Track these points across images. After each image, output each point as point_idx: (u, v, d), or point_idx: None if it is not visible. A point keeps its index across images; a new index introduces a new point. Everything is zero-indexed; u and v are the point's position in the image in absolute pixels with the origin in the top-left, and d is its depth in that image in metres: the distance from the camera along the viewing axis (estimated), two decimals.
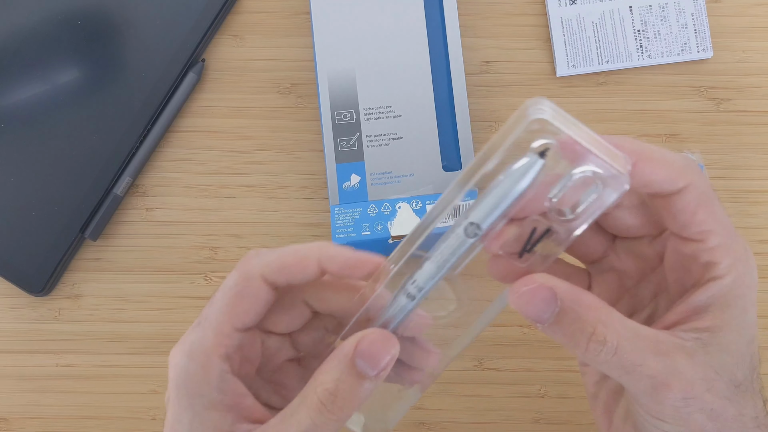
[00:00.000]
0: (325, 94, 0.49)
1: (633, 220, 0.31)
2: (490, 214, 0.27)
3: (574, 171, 0.27)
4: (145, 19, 0.50)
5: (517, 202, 0.27)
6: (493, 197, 0.27)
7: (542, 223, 0.28)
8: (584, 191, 0.27)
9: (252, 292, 0.30)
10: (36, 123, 0.50)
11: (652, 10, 0.51)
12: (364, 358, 0.28)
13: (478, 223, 0.28)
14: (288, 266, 0.30)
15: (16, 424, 0.50)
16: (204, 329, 0.31)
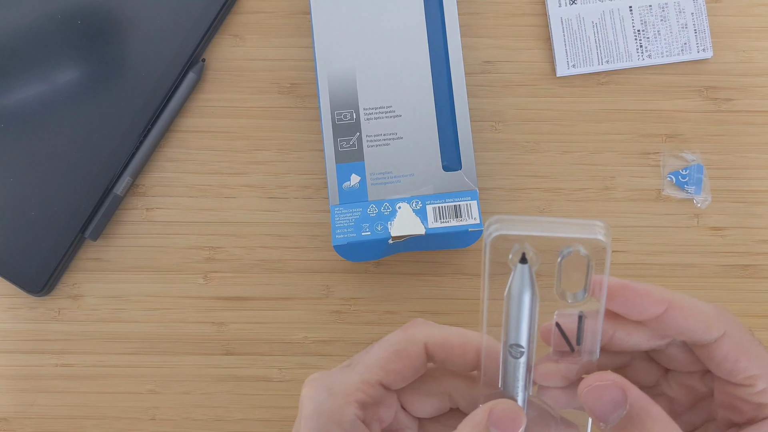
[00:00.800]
0: (325, 94, 0.49)
1: (682, 356, 0.32)
2: (520, 330, 0.29)
3: (559, 260, 0.29)
4: (145, 19, 0.50)
5: (532, 308, 0.29)
6: (513, 315, 0.29)
7: (571, 316, 0.30)
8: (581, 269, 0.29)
9: (410, 354, 0.31)
10: (36, 123, 0.50)
11: (652, 10, 0.51)
12: (498, 427, 0.29)
13: (515, 343, 0.29)
14: (451, 345, 0.31)
15: (15, 424, 0.50)
16: (352, 373, 0.31)
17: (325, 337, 0.51)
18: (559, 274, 0.29)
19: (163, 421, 0.50)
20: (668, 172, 0.51)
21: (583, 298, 0.29)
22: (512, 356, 0.30)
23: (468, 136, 0.48)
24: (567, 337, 0.30)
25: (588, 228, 0.28)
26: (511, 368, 0.30)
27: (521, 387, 0.30)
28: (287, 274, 0.51)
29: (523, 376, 0.30)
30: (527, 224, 0.28)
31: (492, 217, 0.28)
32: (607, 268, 0.29)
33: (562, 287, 0.29)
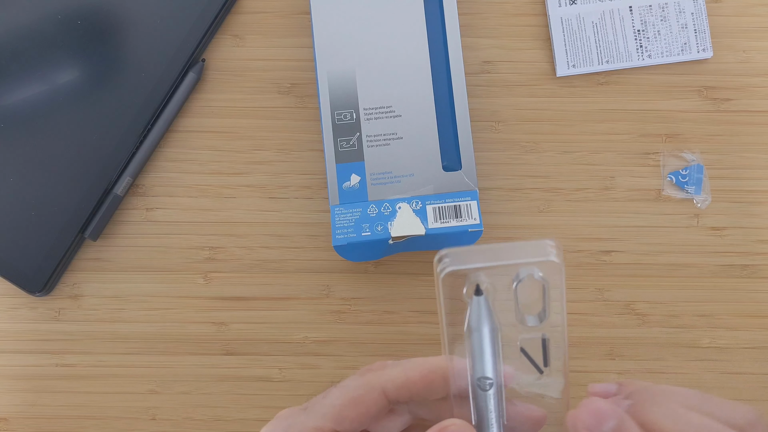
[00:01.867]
0: (325, 94, 0.49)
1: None
2: (484, 362, 0.29)
3: (514, 286, 0.29)
4: (145, 19, 0.50)
5: (494, 339, 0.29)
6: (476, 348, 0.29)
7: (535, 340, 0.30)
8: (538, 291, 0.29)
9: (366, 402, 0.30)
10: (36, 123, 0.50)
11: (652, 10, 0.51)
12: None
13: (482, 375, 0.29)
14: (412, 383, 0.30)
15: (15, 424, 0.50)
16: (307, 417, 0.31)
17: (325, 337, 0.51)
18: (516, 300, 0.29)
19: (163, 421, 0.50)
20: (668, 172, 0.51)
21: (544, 321, 0.29)
22: (481, 389, 0.30)
23: (468, 136, 0.48)
24: (534, 360, 0.30)
25: (539, 249, 0.28)
26: (482, 402, 0.30)
27: (495, 418, 0.30)
28: (287, 274, 0.51)
29: (496, 407, 0.30)
30: (477, 255, 0.28)
31: (441, 252, 0.28)
32: (562, 286, 0.28)
33: (522, 312, 0.29)
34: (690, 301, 0.51)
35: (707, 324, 0.50)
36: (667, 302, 0.51)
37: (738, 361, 0.50)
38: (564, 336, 0.30)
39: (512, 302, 0.29)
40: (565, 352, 0.30)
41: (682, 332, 0.50)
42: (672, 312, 0.51)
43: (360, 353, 0.50)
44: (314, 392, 0.51)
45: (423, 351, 0.50)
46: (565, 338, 0.30)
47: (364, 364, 0.50)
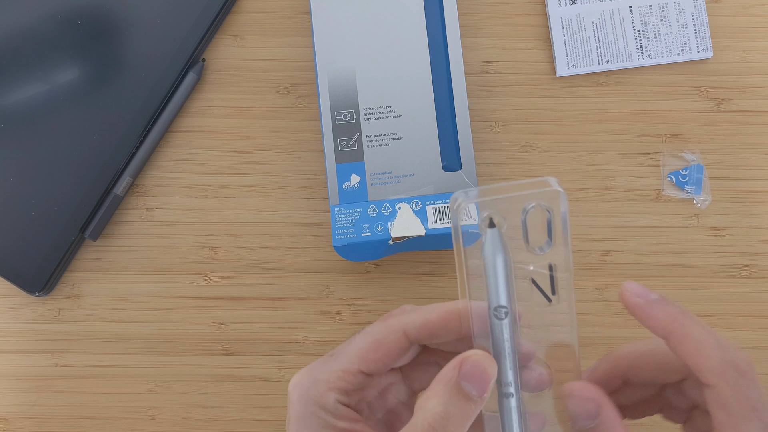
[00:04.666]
0: (325, 94, 0.49)
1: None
2: (499, 291, 0.31)
3: (523, 217, 0.31)
4: (145, 19, 0.50)
5: (508, 269, 0.31)
6: (491, 279, 0.31)
7: (543, 267, 0.32)
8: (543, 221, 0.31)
9: (389, 343, 0.32)
10: (36, 123, 0.50)
11: (652, 10, 0.51)
12: (469, 380, 0.30)
13: (498, 304, 0.31)
14: (431, 324, 0.32)
15: (15, 424, 0.50)
16: (334, 362, 0.32)
17: (325, 337, 0.51)
18: (525, 230, 0.31)
19: (163, 421, 0.50)
20: (668, 172, 0.51)
21: (550, 248, 0.31)
22: (497, 318, 0.31)
23: (468, 136, 0.48)
24: (542, 289, 0.32)
25: (542, 183, 0.31)
26: (498, 331, 0.31)
27: (510, 347, 0.31)
28: (287, 274, 0.51)
29: (510, 336, 0.31)
30: (487, 192, 0.31)
31: (455, 193, 0.31)
32: (565, 211, 0.31)
33: (530, 242, 0.31)
34: (690, 301, 0.51)
35: (707, 324, 0.50)
36: None
37: None
38: (569, 258, 0.31)
39: (520, 237, 0.31)
40: (570, 276, 0.32)
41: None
42: None
43: None
44: None
45: None
46: (570, 261, 0.31)
47: None
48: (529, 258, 0.32)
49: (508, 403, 0.32)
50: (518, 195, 0.31)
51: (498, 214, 0.31)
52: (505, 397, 0.32)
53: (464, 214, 0.31)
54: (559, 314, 0.33)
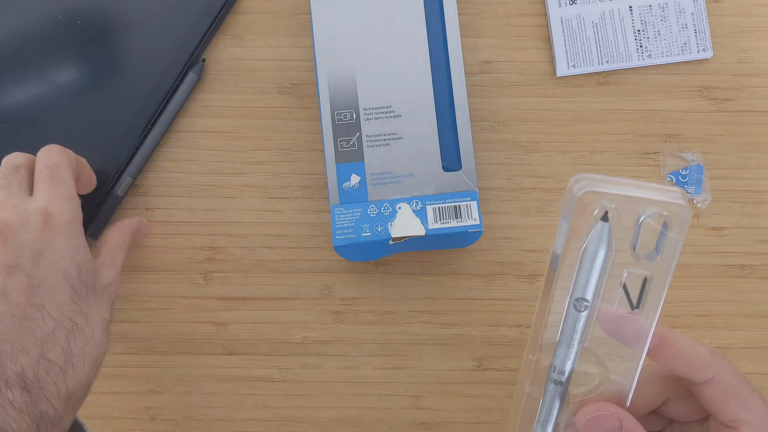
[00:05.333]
0: (325, 94, 0.49)
1: (680, 410, 0.35)
2: (588, 285, 0.31)
3: (639, 219, 0.30)
4: (145, 19, 0.50)
5: (605, 266, 0.30)
6: (585, 269, 0.31)
7: (638, 276, 0.31)
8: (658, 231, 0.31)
9: None
10: (36, 123, 0.50)
11: (652, 10, 0.51)
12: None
13: (582, 296, 0.31)
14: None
15: None
16: None
17: (325, 337, 0.51)
18: (637, 234, 0.30)
19: (163, 421, 0.50)
20: (668, 172, 0.51)
21: (656, 258, 0.31)
22: (576, 309, 0.31)
23: (468, 136, 0.48)
24: (629, 296, 0.31)
25: (668, 192, 0.30)
26: (571, 321, 0.31)
27: (578, 340, 0.32)
28: (287, 274, 0.51)
29: (582, 330, 0.31)
30: (612, 184, 0.30)
31: (578, 176, 0.30)
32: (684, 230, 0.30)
33: (637, 247, 0.31)
34: (690, 301, 0.51)
35: (707, 324, 0.51)
36: (668, 302, 0.51)
37: (738, 361, 0.50)
38: (668, 278, 0.31)
39: (627, 237, 0.31)
40: (662, 294, 0.31)
41: (683, 332, 0.50)
42: (672, 312, 0.51)
43: (360, 353, 0.51)
44: (314, 392, 0.52)
45: (423, 351, 0.50)
46: (668, 281, 0.31)
47: (364, 364, 0.50)
48: (629, 262, 0.31)
49: (555, 390, 0.33)
50: (643, 197, 0.30)
51: (615, 209, 0.30)
52: (554, 383, 0.32)
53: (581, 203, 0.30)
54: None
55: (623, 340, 0.32)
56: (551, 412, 0.33)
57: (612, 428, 0.32)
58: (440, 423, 0.50)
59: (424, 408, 0.50)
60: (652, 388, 0.35)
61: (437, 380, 0.50)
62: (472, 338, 0.50)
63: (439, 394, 0.50)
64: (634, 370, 0.32)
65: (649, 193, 0.30)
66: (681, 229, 0.30)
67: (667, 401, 0.35)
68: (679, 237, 0.30)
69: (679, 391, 0.35)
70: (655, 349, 0.32)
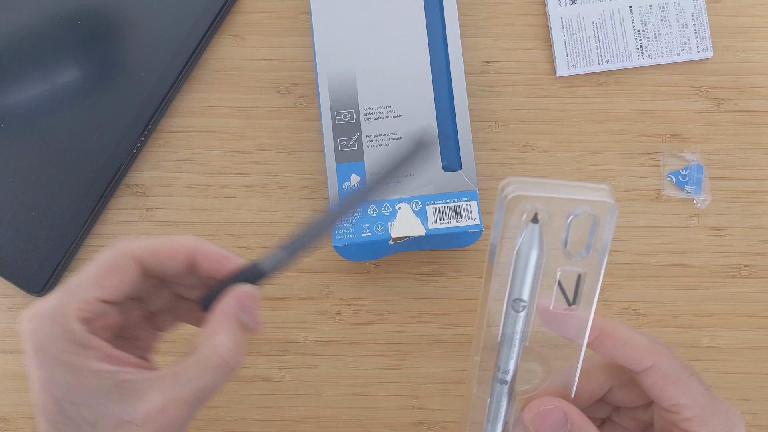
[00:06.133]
0: (325, 94, 0.49)
1: (625, 397, 0.36)
2: (523, 285, 0.32)
3: (567, 220, 0.31)
4: (145, 20, 0.50)
5: (538, 266, 0.31)
6: (519, 271, 0.31)
7: (572, 273, 0.32)
8: (586, 229, 0.31)
9: (121, 268, 0.32)
10: (36, 123, 0.50)
11: (652, 10, 0.51)
12: (247, 313, 0.32)
13: (519, 297, 0.32)
14: (159, 251, 0.33)
15: (15, 424, 0.50)
16: (68, 296, 0.32)
17: (325, 337, 0.51)
18: (567, 233, 0.31)
19: None
20: (668, 172, 0.51)
21: (587, 256, 0.32)
22: (514, 310, 0.32)
23: (468, 136, 0.48)
24: (566, 292, 0.32)
25: (595, 191, 0.30)
26: (511, 321, 0.32)
27: (518, 339, 0.33)
28: (287, 274, 0.51)
29: (522, 330, 0.32)
30: (539, 186, 0.30)
31: (506, 180, 0.31)
32: (611, 227, 0.31)
33: (568, 245, 0.32)
34: (690, 301, 0.51)
35: (707, 324, 0.51)
36: (667, 302, 0.51)
37: (737, 361, 0.50)
38: (600, 274, 0.32)
39: (558, 236, 0.31)
40: (596, 289, 0.32)
41: (682, 332, 0.50)
42: (672, 312, 0.51)
43: (360, 353, 0.51)
44: (314, 392, 0.51)
45: (423, 351, 0.50)
46: (600, 277, 0.32)
47: (364, 364, 0.50)
48: (562, 261, 0.32)
49: (501, 389, 0.34)
50: (570, 198, 0.30)
51: (544, 210, 0.31)
52: (500, 382, 0.34)
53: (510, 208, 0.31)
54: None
55: (564, 334, 0.33)
56: (499, 411, 0.34)
57: (558, 421, 0.33)
58: (440, 423, 0.50)
59: (423, 408, 0.50)
60: (596, 378, 0.35)
61: (437, 380, 0.50)
62: (472, 338, 0.50)
63: (439, 394, 0.50)
64: (576, 362, 0.33)
65: (577, 192, 0.31)
66: (609, 226, 0.31)
67: (611, 389, 0.36)
68: (608, 234, 0.31)
69: (623, 378, 0.36)
70: (595, 341, 0.33)
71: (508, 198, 0.30)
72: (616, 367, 0.36)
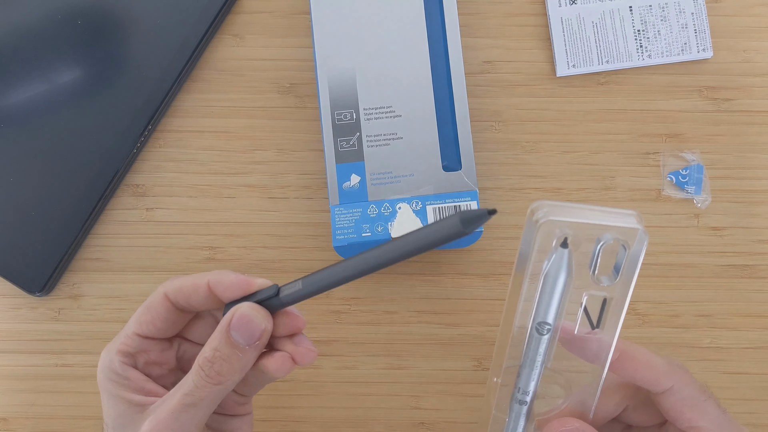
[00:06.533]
0: (325, 94, 0.49)
1: (639, 417, 0.36)
2: (549, 309, 0.32)
3: (597, 245, 0.31)
4: (145, 19, 0.50)
5: (565, 290, 0.32)
6: (546, 294, 0.32)
7: (597, 297, 0.33)
8: (615, 255, 0.32)
9: (154, 305, 0.36)
10: (36, 123, 0.50)
11: (652, 10, 0.51)
12: (237, 330, 0.33)
13: (544, 320, 0.32)
14: (184, 287, 0.36)
15: (15, 424, 0.50)
16: (121, 333, 0.37)
17: (325, 337, 0.51)
18: (596, 258, 0.32)
19: None
20: (668, 172, 0.51)
21: (614, 281, 0.32)
22: (538, 332, 0.32)
23: (468, 136, 0.48)
24: (590, 317, 0.33)
25: (625, 217, 0.31)
26: (534, 343, 0.33)
27: (541, 362, 0.33)
28: (287, 274, 0.51)
29: (545, 351, 0.33)
30: (570, 210, 0.31)
31: (536, 203, 0.31)
32: (641, 254, 0.31)
33: (596, 271, 0.32)
34: (690, 301, 0.51)
35: (707, 324, 0.50)
36: (667, 302, 0.51)
37: (738, 361, 0.50)
38: (627, 299, 0.32)
39: (585, 260, 0.32)
40: (623, 313, 0.32)
41: (683, 332, 0.50)
42: (672, 312, 0.51)
43: (360, 353, 0.50)
44: (314, 392, 0.51)
45: (423, 351, 0.50)
46: (626, 302, 0.32)
47: (364, 364, 0.50)
48: (589, 285, 0.32)
49: (519, 409, 0.34)
50: (600, 224, 0.31)
51: (574, 235, 0.31)
52: (519, 402, 0.34)
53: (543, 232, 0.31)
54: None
55: (584, 357, 0.33)
56: (516, 431, 0.34)
57: None
58: (440, 422, 0.50)
59: (423, 408, 0.50)
60: (612, 398, 0.36)
61: (437, 380, 0.50)
62: (472, 338, 0.50)
63: (439, 394, 0.50)
64: (596, 384, 0.34)
65: (607, 218, 0.31)
66: (638, 252, 0.31)
67: (626, 409, 0.36)
68: (637, 260, 0.31)
69: (638, 399, 0.36)
70: (615, 363, 0.33)
71: (540, 223, 0.31)
72: (632, 387, 0.36)
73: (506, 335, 0.34)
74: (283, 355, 0.35)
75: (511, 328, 0.33)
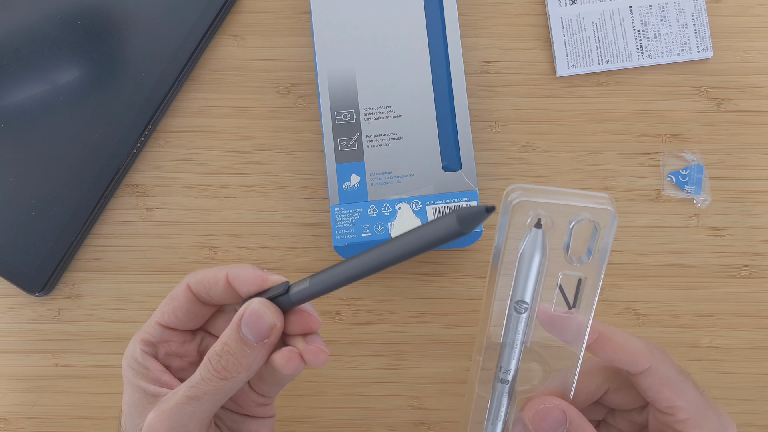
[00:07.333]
0: (325, 94, 0.49)
1: (621, 399, 0.37)
2: (526, 288, 0.33)
3: (569, 226, 0.32)
4: (145, 19, 0.50)
5: (541, 269, 0.33)
6: (522, 274, 0.33)
7: (572, 277, 0.33)
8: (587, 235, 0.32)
9: (176, 296, 0.36)
10: (36, 123, 0.50)
11: (652, 10, 0.51)
12: (247, 326, 0.33)
13: (521, 299, 0.33)
14: (205, 279, 0.36)
15: (15, 424, 0.50)
16: (146, 323, 0.37)
17: (325, 337, 0.50)
18: (569, 238, 0.32)
19: None
20: (668, 172, 0.51)
21: (587, 261, 0.33)
22: (516, 311, 0.33)
23: (468, 136, 0.48)
24: (566, 296, 0.33)
25: (597, 199, 0.32)
26: (513, 322, 0.33)
27: (520, 340, 0.34)
28: (287, 274, 0.50)
29: (523, 330, 0.33)
30: (543, 193, 0.32)
31: (511, 186, 0.32)
32: (612, 234, 0.32)
33: (570, 250, 0.33)
34: (690, 301, 0.51)
35: (707, 324, 0.51)
36: (667, 302, 0.51)
37: (738, 361, 0.50)
38: (600, 279, 0.33)
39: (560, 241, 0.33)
40: (595, 294, 0.33)
41: (682, 332, 0.50)
42: (672, 312, 0.51)
43: (360, 353, 0.51)
44: (314, 392, 0.51)
45: (423, 351, 0.50)
46: (600, 281, 0.33)
47: (364, 364, 0.50)
48: (563, 265, 0.33)
49: (502, 388, 0.35)
50: (572, 205, 0.32)
51: (547, 216, 0.32)
52: (501, 381, 0.34)
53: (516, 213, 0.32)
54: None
55: (563, 337, 0.34)
56: (500, 410, 0.35)
57: (557, 419, 0.33)
58: (439, 422, 0.50)
59: (423, 408, 0.50)
60: (593, 380, 0.36)
61: (437, 380, 0.50)
62: (472, 338, 0.50)
63: (439, 394, 0.50)
64: (575, 364, 0.34)
65: (579, 200, 0.32)
66: (609, 233, 0.32)
67: (607, 391, 0.37)
68: (608, 240, 0.32)
69: (619, 381, 0.36)
70: (594, 344, 0.34)
71: (513, 203, 0.31)
72: (613, 370, 0.37)
73: (486, 314, 0.34)
74: (290, 350, 0.34)
75: (490, 308, 0.34)
